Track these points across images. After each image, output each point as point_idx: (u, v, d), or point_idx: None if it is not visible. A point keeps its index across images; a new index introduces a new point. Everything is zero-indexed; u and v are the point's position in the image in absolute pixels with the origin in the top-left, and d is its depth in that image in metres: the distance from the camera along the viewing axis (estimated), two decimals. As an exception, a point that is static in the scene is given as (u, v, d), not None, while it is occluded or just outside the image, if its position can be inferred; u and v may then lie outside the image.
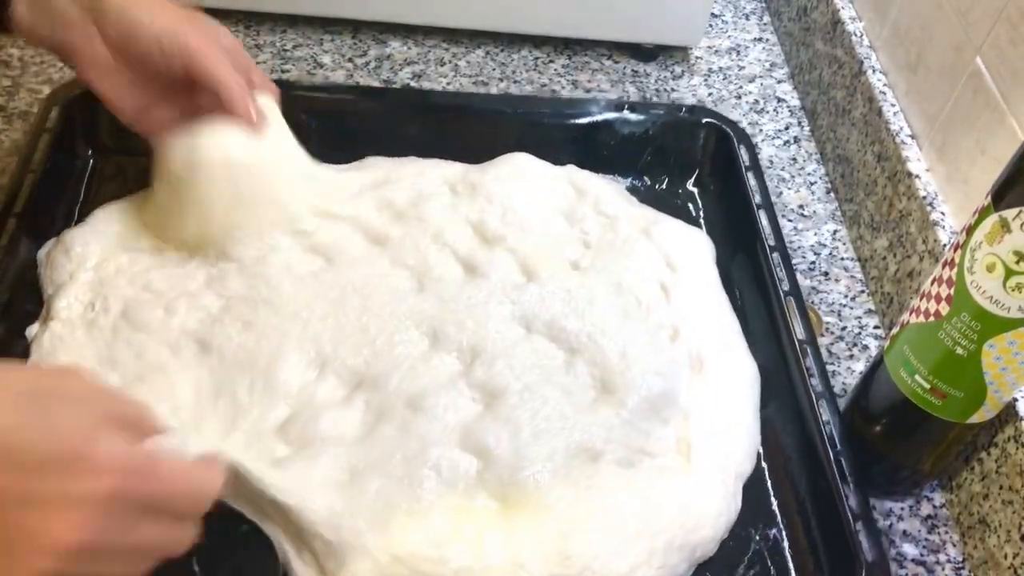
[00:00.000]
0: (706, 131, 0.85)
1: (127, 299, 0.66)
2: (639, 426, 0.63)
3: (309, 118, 0.79)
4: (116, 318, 0.65)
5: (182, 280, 0.67)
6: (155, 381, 0.62)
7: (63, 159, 0.76)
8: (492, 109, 0.86)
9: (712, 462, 0.64)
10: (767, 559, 0.63)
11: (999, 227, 0.53)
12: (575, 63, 0.98)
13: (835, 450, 0.64)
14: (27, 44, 0.90)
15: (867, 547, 0.59)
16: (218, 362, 0.63)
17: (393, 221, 0.73)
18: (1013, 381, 0.58)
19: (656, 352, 0.67)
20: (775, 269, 0.74)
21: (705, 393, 0.67)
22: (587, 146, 0.84)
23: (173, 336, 0.64)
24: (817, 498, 0.64)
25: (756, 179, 0.80)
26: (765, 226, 0.77)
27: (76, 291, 0.66)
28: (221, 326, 0.65)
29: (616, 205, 0.77)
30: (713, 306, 0.73)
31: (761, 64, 1.02)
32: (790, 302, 0.71)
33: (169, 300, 0.66)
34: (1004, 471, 0.62)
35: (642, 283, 0.71)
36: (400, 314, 0.66)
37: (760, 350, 0.72)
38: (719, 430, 0.65)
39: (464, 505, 0.59)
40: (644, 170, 0.85)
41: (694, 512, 0.61)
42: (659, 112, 0.86)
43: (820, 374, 0.68)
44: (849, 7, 0.92)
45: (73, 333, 0.65)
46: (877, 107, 0.83)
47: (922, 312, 0.60)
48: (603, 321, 0.67)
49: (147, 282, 0.67)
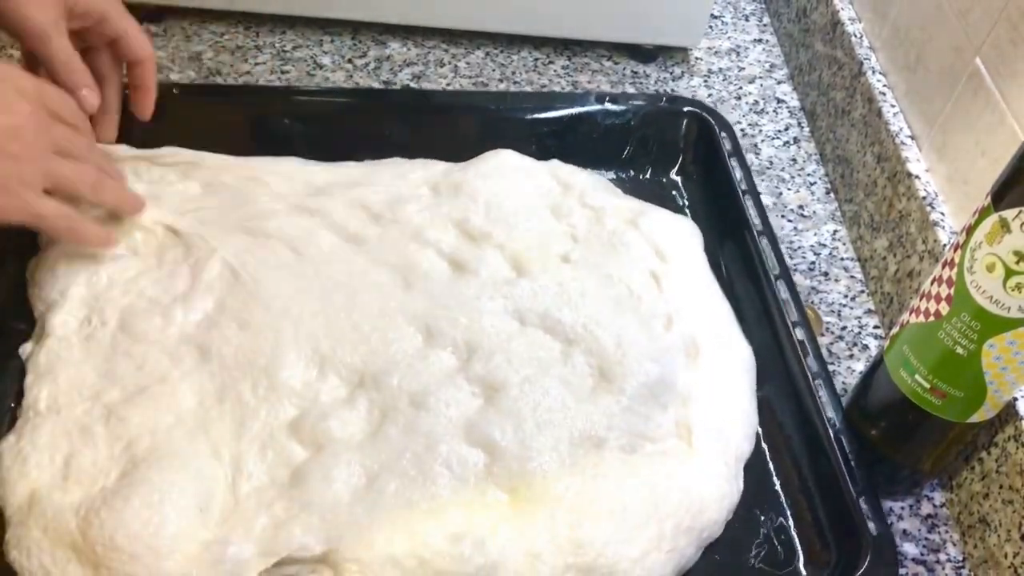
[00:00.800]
0: (687, 120, 0.85)
1: (123, 309, 0.66)
2: (639, 412, 0.64)
3: (295, 122, 0.80)
4: (114, 331, 0.65)
5: (170, 280, 0.67)
6: (157, 391, 0.62)
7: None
8: (473, 106, 0.86)
9: (712, 445, 0.64)
10: (774, 539, 0.64)
11: (999, 227, 0.53)
12: (575, 64, 0.98)
13: (835, 429, 0.65)
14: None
15: (872, 521, 0.60)
16: (218, 366, 0.63)
17: (369, 223, 0.73)
18: (1013, 381, 0.58)
19: (651, 340, 0.67)
20: (763, 253, 0.74)
21: (702, 378, 0.67)
22: (569, 140, 0.84)
23: (172, 344, 0.64)
24: (819, 477, 0.65)
25: (740, 166, 0.81)
26: (751, 211, 0.77)
27: (70, 307, 0.66)
28: (218, 329, 0.64)
29: (601, 197, 0.77)
30: (704, 293, 0.73)
31: (761, 65, 1.02)
32: (780, 285, 0.72)
33: (164, 306, 0.66)
34: (1004, 470, 0.62)
35: (633, 273, 0.71)
36: (390, 311, 0.66)
37: (753, 333, 0.72)
38: (717, 414, 0.66)
39: (476, 499, 0.59)
40: (627, 161, 0.86)
41: (698, 495, 0.61)
42: (640, 103, 0.86)
43: (815, 354, 0.69)
44: (849, 8, 0.92)
45: (70, 349, 0.64)
46: (877, 108, 0.83)
47: (922, 312, 0.60)
48: (597, 312, 0.68)
49: (140, 289, 0.67)
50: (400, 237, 0.72)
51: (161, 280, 0.67)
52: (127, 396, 0.62)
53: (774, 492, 0.66)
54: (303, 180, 0.76)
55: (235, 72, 0.92)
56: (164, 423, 0.60)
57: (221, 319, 0.65)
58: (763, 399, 0.69)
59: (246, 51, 0.94)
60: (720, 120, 0.85)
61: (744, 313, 0.74)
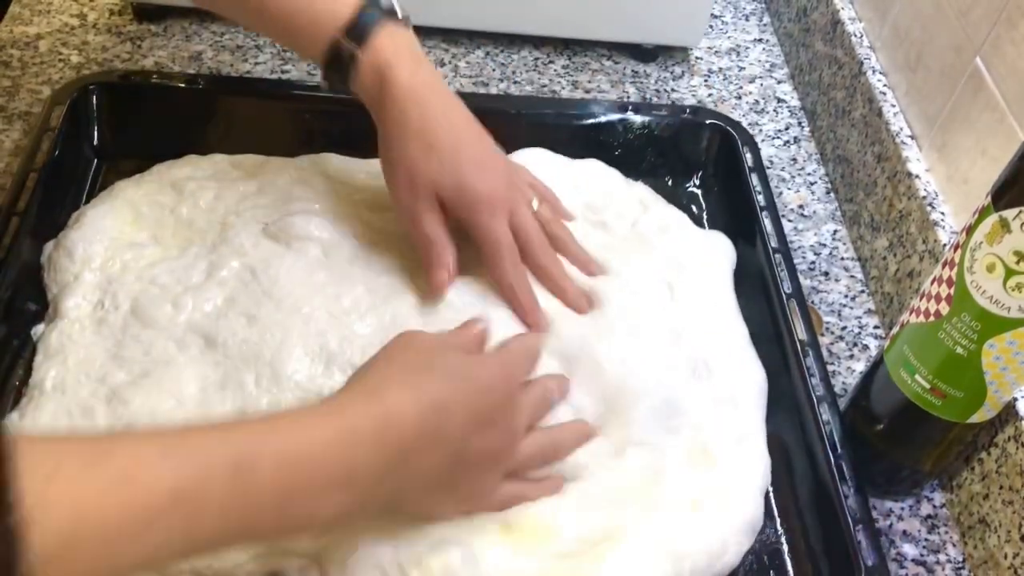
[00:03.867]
0: (710, 132, 0.85)
1: (136, 295, 0.66)
2: (649, 441, 0.62)
3: (311, 118, 0.79)
4: (126, 315, 0.66)
5: (186, 272, 0.67)
6: (161, 375, 0.62)
7: (65, 159, 0.76)
8: (493, 109, 0.85)
9: (736, 479, 0.62)
10: (766, 562, 0.63)
11: (999, 227, 0.53)
12: (575, 64, 0.98)
13: (836, 453, 0.63)
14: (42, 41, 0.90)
15: (867, 551, 0.59)
16: (223, 355, 0.63)
17: (392, 221, 0.72)
18: (1013, 381, 0.58)
19: (657, 357, 0.66)
20: (777, 271, 0.74)
21: (715, 403, 0.65)
22: (590, 147, 0.83)
23: (180, 332, 0.65)
24: (817, 502, 0.64)
25: (760, 181, 0.80)
26: (768, 228, 0.77)
27: (83, 291, 0.67)
28: (226, 321, 0.65)
29: (639, 202, 0.76)
30: (721, 312, 0.72)
31: (761, 65, 1.02)
32: (792, 304, 0.71)
33: (176, 295, 0.66)
34: (1004, 471, 0.62)
35: (646, 281, 0.70)
36: (402, 315, 0.66)
37: (761, 352, 0.71)
38: (736, 444, 0.64)
39: (467, 521, 0.58)
40: (647, 171, 0.85)
41: (718, 536, 0.60)
42: (662, 113, 0.86)
43: (822, 376, 0.68)
44: (849, 8, 0.92)
45: (82, 331, 0.65)
46: (877, 107, 0.83)
47: (922, 312, 0.60)
48: (605, 324, 0.66)
49: (153, 276, 0.67)
50: None
51: (176, 270, 0.68)
52: (132, 379, 0.62)
53: (771, 515, 0.65)
54: (341, 181, 0.75)
55: (235, 72, 0.92)
56: (165, 406, 0.61)
57: (231, 312, 0.65)
58: (767, 419, 0.68)
59: (246, 51, 0.94)
60: (743, 134, 0.84)
61: (753, 330, 0.72)
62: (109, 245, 0.69)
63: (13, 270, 0.68)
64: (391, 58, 0.64)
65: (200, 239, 0.70)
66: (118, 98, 0.81)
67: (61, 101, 0.78)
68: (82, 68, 0.89)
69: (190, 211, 0.72)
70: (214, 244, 0.69)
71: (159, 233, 0.71)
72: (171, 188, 0.74)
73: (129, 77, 0.83)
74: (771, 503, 0.65)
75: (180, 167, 0.76)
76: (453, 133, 0.65)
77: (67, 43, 0.92)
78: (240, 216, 0.71)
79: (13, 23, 0.93)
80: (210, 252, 0.69)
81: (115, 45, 0.92)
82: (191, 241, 0.70)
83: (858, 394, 0.67)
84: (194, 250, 0.69)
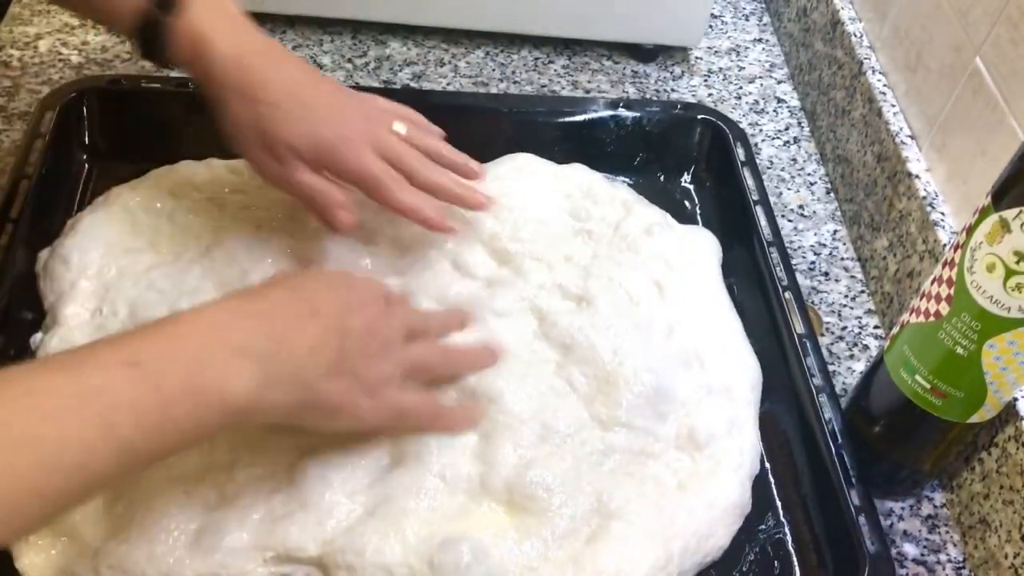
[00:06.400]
0: (702, 128, 0.85)
1: (133, 300, 0.66)
2: (637, 425, 0.63)
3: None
4: (124, 320, 0.65)
5: (182, 276, 0.67)
6: None
7: (57, 164, 0.76)
8: (487, 108, 0.86)
9: (723, 464, 0.63)
10: (770, 553, 0.63)
11: (999, 227, 0.53)
12: (575, 64, 0.98)
13: (836, 444, 0.64)
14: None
15: (870, 539, 0.60)
16: None
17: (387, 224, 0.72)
18: (1013, 381, 0.58)
19: (648, 348, 0.66)
20: (773, 265, 0.74)
21: (705, 391, 0.66)
22: (583, 144, 0.84)
23: None
24: (819, 492, 0.64)
25: (752, 175, 0.81)
26: (762, 222, 0.77)
27: (81, 298, 0.67)
28: None
29: (621, 205, 0.76)
30: (711, 305, 0.72)
31: (761, 65, 1.02)
32: (789, 298, 0.72)
33: (173, 300, 0.66)
34: (1004, 471, 0.62)
35: (635, 280, 0.70)
36: None
37: (760, 346, 0.72)
38: (725, 431, 0.65)
39: (472, 508, 0.58)
40: (640, 167, 0.85)
41: (706, 518, 0.60)
42: (655, 109, 0.86)
43: (820, 369, 0.68)
44: (849, 7, 0.92)
45: (83, 338, 0.64)
46: (877, 107, 0.83)
47: (922, 312, 0.60)
48: (599, 319, 0.67)
49: (150, 282, 0.67)
50: (405, 229, 0.71)
51: (173, 275, 0.68)
52: None
53: (774, 507, 0.65)
54: None
55: (235, 72, 0.91)
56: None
57: None
58: (768, 412, 0.69)
59: (246, 51, 0.94)
60: (735, 129, 0.84)
61: (751, 325, 0.73)
62: (105, 252, 0.69)
63: (8, 279, 0.67)
64: (206, 25, 0.61)
65: (196, 244, 0.70)
66: (109, 102, 0.80)
67: (51, 106, 0.77)
68: (82, 68, 0.89)
69: (185, 216, 0.72)
70: (208, 248, 0.69)
71: (155, 239, 0.71)
72: (167, 194, 0.74)
73: (119, 81, 0.82)
74: (773, 494, 0.66)
75: (176, 172, 0.76)
76: (290, 87, 0.62)
77: (67, 43, 0.92)
78: (236, 220, 0.71)
79: (13, 23, 0.93)
80: (203, 256, 0.69)
81: (115, 45, 0.92)
82: (187, 246, 0.70)
83: (858, 394, 0.67)
84: (190, 255, 0.69)
